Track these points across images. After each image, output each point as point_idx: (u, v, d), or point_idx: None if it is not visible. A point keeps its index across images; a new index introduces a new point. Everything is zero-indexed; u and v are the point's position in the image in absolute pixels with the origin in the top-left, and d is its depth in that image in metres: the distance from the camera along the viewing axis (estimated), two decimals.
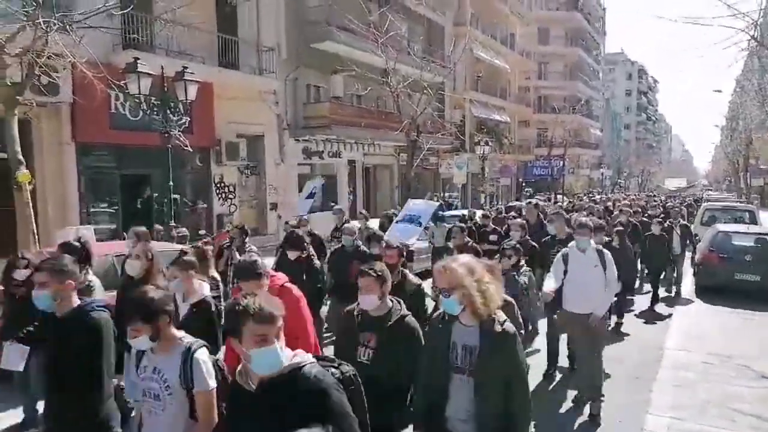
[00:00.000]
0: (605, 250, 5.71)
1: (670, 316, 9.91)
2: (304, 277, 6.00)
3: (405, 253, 5.76)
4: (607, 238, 8.21)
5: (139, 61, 10.19)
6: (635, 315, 9.83)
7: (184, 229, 9.79)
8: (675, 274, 11.70)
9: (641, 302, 10.60)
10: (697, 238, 14.16)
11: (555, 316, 6.15)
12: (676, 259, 11.53)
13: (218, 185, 16.66)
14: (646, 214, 14.38)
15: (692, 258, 13.08)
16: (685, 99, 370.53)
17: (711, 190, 64.98)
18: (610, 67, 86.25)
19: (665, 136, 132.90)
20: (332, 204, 21.74)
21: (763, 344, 8.17)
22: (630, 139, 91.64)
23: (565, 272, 5.68)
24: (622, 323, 8.87)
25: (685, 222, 13.16)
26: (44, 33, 8.25)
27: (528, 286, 5.77)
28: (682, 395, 6.16)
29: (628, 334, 8.65)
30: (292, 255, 6.22)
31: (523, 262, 6.04)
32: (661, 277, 10.80)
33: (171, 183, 10.99)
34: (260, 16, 17.67)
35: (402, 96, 17.70)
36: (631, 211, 13.20)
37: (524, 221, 8.68)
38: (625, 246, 8.95)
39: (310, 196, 14.26)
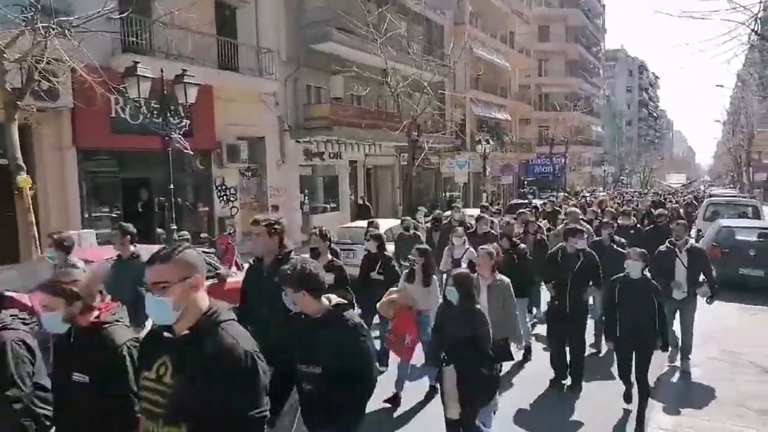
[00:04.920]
0: None
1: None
2: None
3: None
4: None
5: (138, 65, 10.15)
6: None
7: (185, 232, 9.77)
8: (679, 340, 6.83)
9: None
10: (700, 233, 14.08)
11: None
12: (681, 310, 6.74)
13: (219, 188, 16.64)
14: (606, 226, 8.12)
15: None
16: (687, 95, 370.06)
17: (714, 185, 64.75)
18: (610, 63, 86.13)
19: (667, 132, 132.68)
20: (333, 205, 21.82)
21: None
22: (632, 135, 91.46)
23: None
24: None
25: (696, 244, 8.24)
26: (43, 38, 8.25)
27: None
28: (691, 392, 6.12)
29: None
30: None
31: None
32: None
33: (172, 186, 10.96)
34: (259, 18, 17.65)
35: (402, 96, 17.70)
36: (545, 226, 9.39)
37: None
38: (473, 311, 4.36)
39: None
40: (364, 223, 12.17)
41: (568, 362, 6.29)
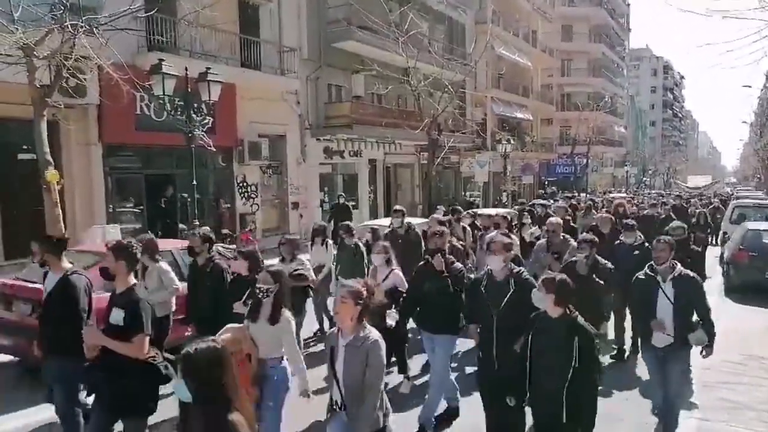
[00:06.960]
0: None
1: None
2: None
3: None
4: None
5: (163, 63, 10.32)
6: None
7: (207, 228, 9.87)
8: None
9: None
10: (726, 236, 13.81)
11: None
12: (666, 362, 4.87)
13: (241, 184, 16.81)
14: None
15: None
16: (713, 95, 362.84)
17: (740, 187, 63.24)
18: (634, 63, 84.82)
19: (692, 134, 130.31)
20: (352, 203, 21.86)
21: None
22: (655, 136, 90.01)
23: None
24: None
25: (687, 271, 4.94)
26: (72, 36, 8.40)
27: None
28: (712, 396, 6.02)
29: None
30: None
31: None
32: None
33: (194, 183, 11.11)
34: (282, 16, 17.79)
35: (423, 95, 17.67)
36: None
37: None
38: (217, 415, 2.25)
39: None
40: (386, 221, 11.65)
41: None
